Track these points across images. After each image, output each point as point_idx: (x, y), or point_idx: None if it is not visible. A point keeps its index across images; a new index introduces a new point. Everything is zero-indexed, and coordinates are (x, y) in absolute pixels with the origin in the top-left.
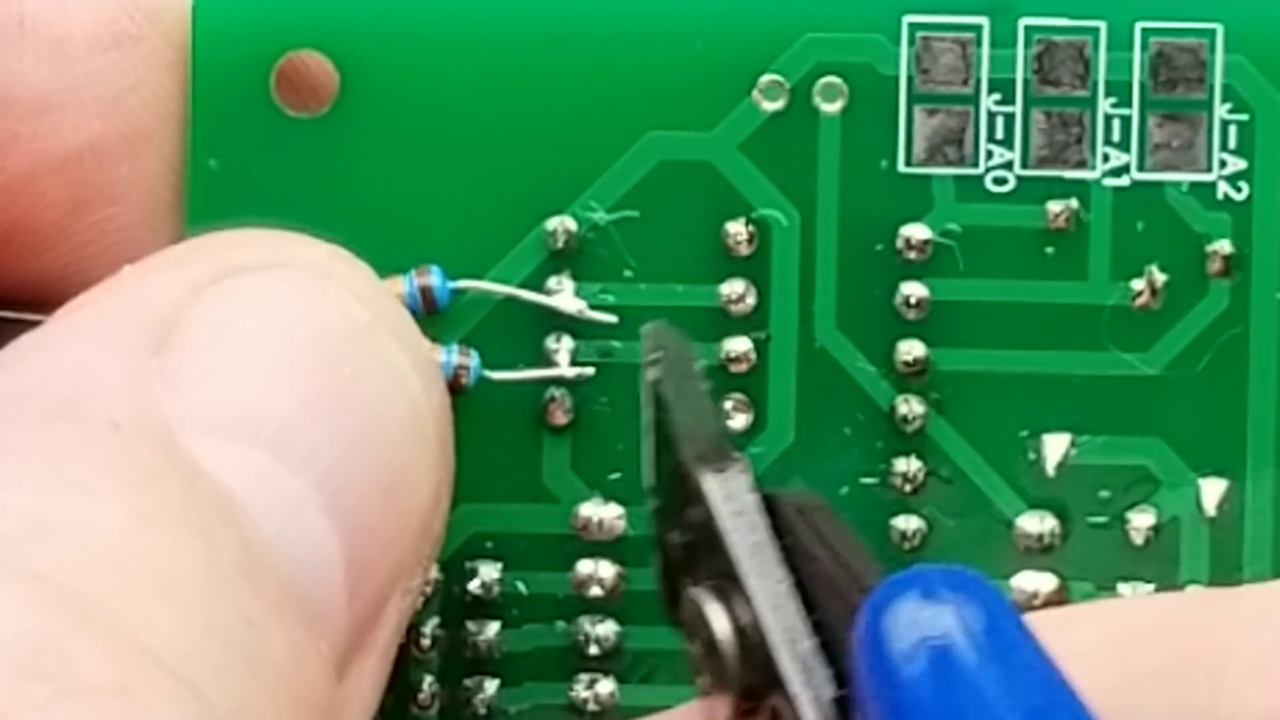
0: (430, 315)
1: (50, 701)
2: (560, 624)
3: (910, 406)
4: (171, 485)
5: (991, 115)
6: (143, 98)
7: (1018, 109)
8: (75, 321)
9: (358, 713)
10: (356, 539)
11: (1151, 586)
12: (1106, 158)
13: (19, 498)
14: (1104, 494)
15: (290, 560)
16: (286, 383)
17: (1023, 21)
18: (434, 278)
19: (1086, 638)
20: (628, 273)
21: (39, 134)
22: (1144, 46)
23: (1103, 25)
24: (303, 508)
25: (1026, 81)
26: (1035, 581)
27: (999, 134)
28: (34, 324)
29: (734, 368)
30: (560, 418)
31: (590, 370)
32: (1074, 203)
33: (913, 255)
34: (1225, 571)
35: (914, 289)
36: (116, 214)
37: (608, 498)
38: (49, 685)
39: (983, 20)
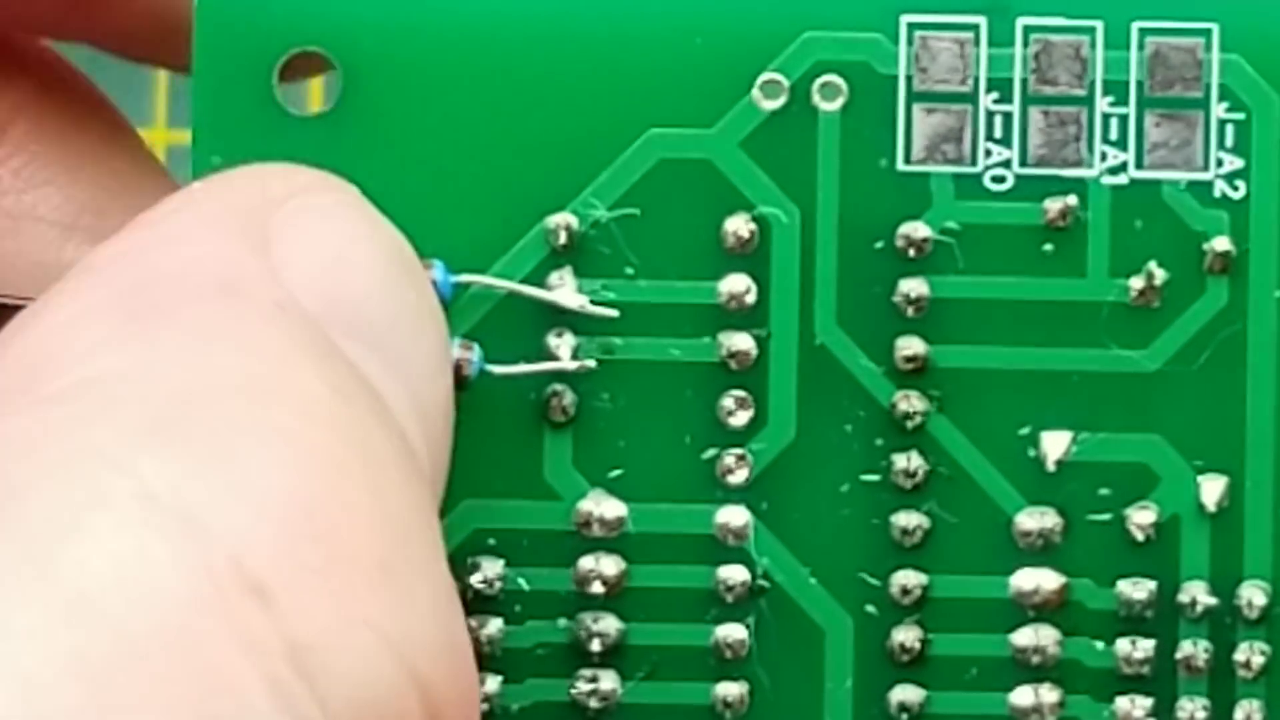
0: None
1: (325, 567)
2: (562, 620)
3: (910, 403)
4: (342, 365)
5: (990, 114)
6: None
7: (1015, 108)
8: (185, 219)
9: None
10: (432, 459)
11: (1153, 583)
12: (1104, 156)
13: (229, 358)
14: (1104, 491)
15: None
16: (375, 296)
17: (1020, 21)
18: (436, 272)
19: None
20: (629, 269)
21: None
22: (1140, 46)
23: (1099, 25)
24: (406, 412)
25: (1024, 80)
26: (1035, 579)
27: (997, 132)
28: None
29: (734, 364)
30: (562, 414)
31: (592, 362)
32: (1072, 200)
33: (912, 253)
34: (1225, 568)
35: (913, 286)
36: None
37: (610, 494)
38: (322, 549)
39: (980, 20)
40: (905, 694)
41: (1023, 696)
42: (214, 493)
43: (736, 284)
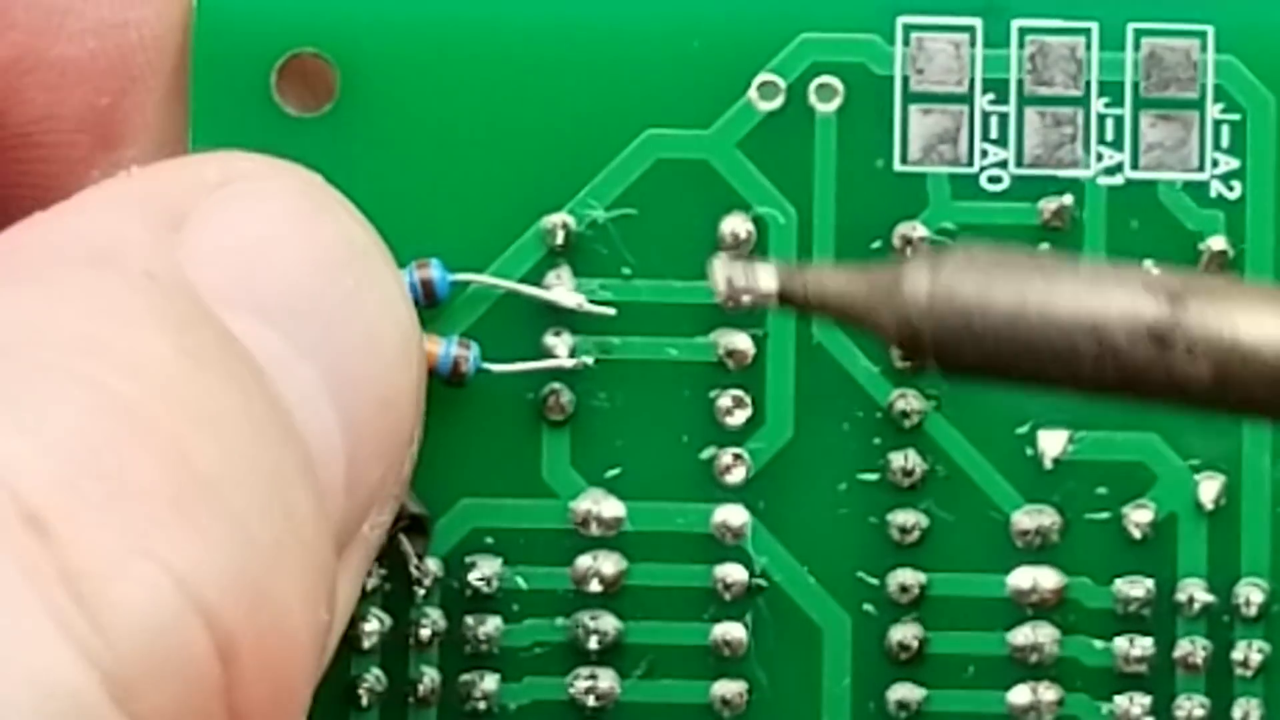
0: (430, 308)
1: (106, 502)
2: (560, 619)
3: (908, 402)
4: (208, 333)
5: (986, 115)
6: (142, 37)
7: (1011, 108)
8: (96, 196)
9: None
10: (355, 438)
11: (1150, 582)
12: (1100, 157)
13: (68, 318)
14: (1101, 489)
15: (306, 435)
16: (295, 278)
17: (1016, 23)
18: (434, 270)
19: None
20: (626, 269)
21: (33, 30)
22: (1136, 47)
23: (1095, 26)
24: (312, 392)
25: (1020, 81)
26: (1033, 577)
27: (993, 133)
28: None
29: (732, 364)
30: (559, 413)
31: (590, 360)
32: (1068, 200)
33: (909, 252)
34: (1222, 566)
35: None
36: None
37: (608, 493)
38: (105, 485)
39: (976, 21)
40: (903, 692)
41: (1020, 695)
42: (2, 428)
43: None
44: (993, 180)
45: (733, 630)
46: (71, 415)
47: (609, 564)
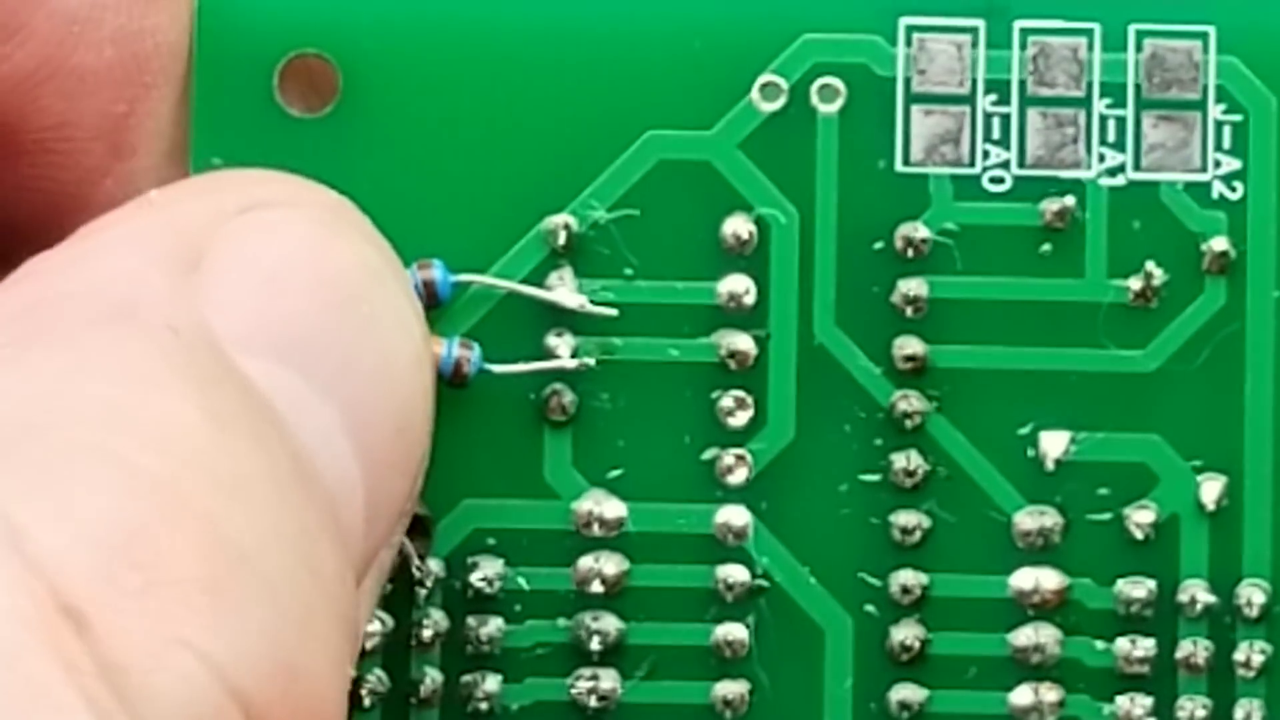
0: (432, 309)
1: (142, 591)
2: (562, 619)
3: (909, 403)
4: (231, 389)
5: (988, 116)
6: (158, 44)
7: (1014, 109)
8: (114, 235)
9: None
10: (373, 472)
11: (1152, 582)
12: (1102, 158)
13: (95, 386)
14: (1103, 490)
15: (326, 480)
16: (312, 313)
17: (1018, 24)
18: (436, 271)
19: None
20: (628, 270)
21: (53, 39)
22: (1138, 48)
23: (1097, 27)
24: (331, 432)
25: (1022, 82)
26: (1035, 578)
27: (995, 134)
28: None
29: (734, 365)
30: (561, 413)
31: (591, 360)
32: (1070, 201)
33: (911, 253)
34: (1224, 567)
35: (912, 287)
36: (95, 147)
37: (609, 493)
38: (141, 574)
39: (979, 22)
40: (905, 693)
41: (1022, 696)
42: (39, 516)
43: (736, 284)
44: (995, 181)
45: (734, 631)
46: (104, 500)
47: (611, 565)
